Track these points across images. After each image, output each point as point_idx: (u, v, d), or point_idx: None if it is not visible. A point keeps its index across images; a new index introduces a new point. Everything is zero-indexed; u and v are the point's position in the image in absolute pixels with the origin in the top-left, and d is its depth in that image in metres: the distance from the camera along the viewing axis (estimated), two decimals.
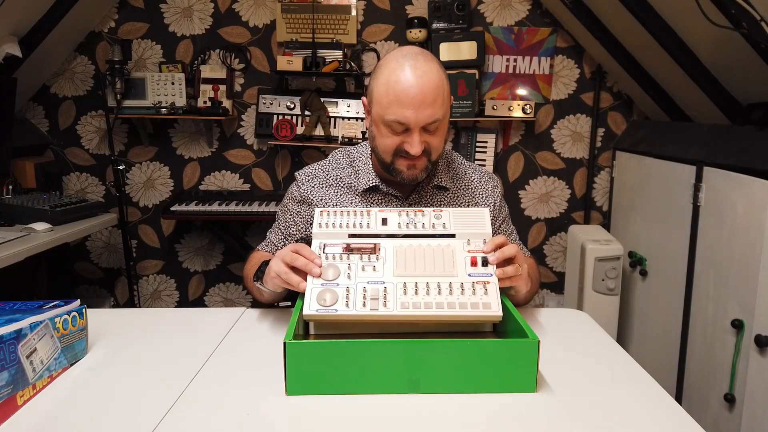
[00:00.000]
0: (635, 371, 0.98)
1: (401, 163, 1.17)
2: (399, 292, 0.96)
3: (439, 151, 1.19)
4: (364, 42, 2.91)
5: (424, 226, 1.08)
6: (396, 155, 1.16)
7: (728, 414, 1.82)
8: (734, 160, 1.90)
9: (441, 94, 1.12)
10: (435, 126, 1.13)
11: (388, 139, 1.15)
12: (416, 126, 1.11)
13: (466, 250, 1.03)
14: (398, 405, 0.85)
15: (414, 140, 1.12)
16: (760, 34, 1.55)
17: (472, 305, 0.94)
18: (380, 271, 1.00)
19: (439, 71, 1.14)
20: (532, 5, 2.86)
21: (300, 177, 1.33)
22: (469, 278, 0.98)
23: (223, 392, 0.89)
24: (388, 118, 1.12)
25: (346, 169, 1.31)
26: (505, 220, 1.36)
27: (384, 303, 0.94)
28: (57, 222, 2.26)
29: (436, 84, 1.11)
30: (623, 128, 2.95)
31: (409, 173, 1.18)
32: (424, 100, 1.10)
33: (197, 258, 3.13)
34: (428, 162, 1.18)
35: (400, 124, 1.12)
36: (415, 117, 1.10)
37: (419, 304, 0.94)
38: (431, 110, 1.11)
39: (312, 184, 1.30)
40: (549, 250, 3.09)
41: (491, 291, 0.96)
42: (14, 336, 0.83)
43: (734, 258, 1.81)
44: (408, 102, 1.09)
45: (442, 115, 1.13)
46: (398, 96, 1.10)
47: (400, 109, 1.10)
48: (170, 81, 2.82)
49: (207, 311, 1.25)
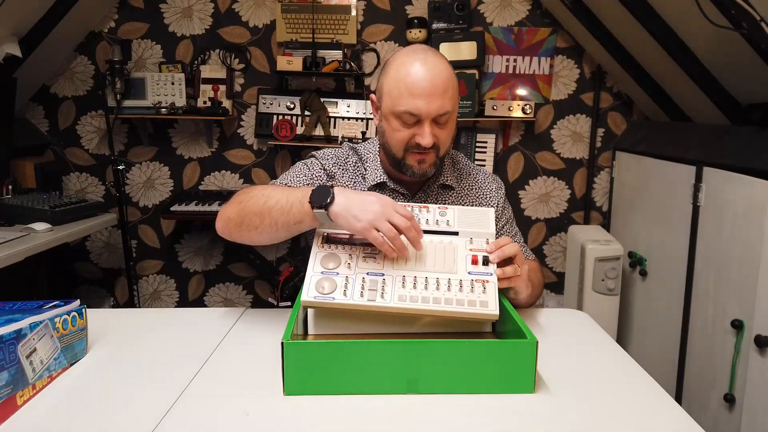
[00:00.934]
0: (635, 371, 0.98)
1: (412, 158, 1.18)
2: (398, 284, 0.96)
3: (446, 146, 1.20)
4: (364, 42, 2.91)
5: (428, 222, 1.09)
6: (407, 150, 1.17)
7: (728, 414, 1.82)
8: (734, 161, 1.90)
9: (451, 87, 1.14)
10: (445, 118, 1.15)
11: (399, 133, 1.16)
12: (427, 117, 1.13)
13: (468, 249, 1.03)
14: (396, 405, 0.85)
15: (425, 131, 1.13)
16: (760, 34, 1.55)
17: (470, 303, 0.94)
18: (380, 263, 1.00)
19: (448, 66, 1.16)
20: (532, 5, 2.86)
21: (319, 155, 1.32)
22: (468, 276, 0.98)
23: (223, 392, 0.89)
24: (399, 110, 1.13)
25: (357, 164, 1.31)
26: (509, 222, 1.36)
27: (382, 294, 0.95)
28: (57, 222, 2.26)
29: (446, 76, 1.13)
30: (623, 128, 2.95)
31: (420, 168, 1.19)
32: (435, 91, 1.11)
33: (197, 258, 3.13)
34: (437, 157, 1.19)
35: (411, 115, 1.13)
36: (427, 107, 1.12)
37: (417, 297, 0.94)
38: (441, 101, 1.12)
39: (333, 162, 1.30)
40: (549, 251, 3.09)
41: (490, 290, 0.97)
42: (14, 336, 0.83)
43: (734, 258, 1.81)
44: (419, 93, 1.11)
45: (451, 108, 1.15)
46: (409, 87, 1.12)
47: (411, 100, 1.12)
48: (170, 81, 2.82)
49: (207, 311, 1.25)
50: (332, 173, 1.28)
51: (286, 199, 1.04)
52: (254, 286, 3.15)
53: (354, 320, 1.00)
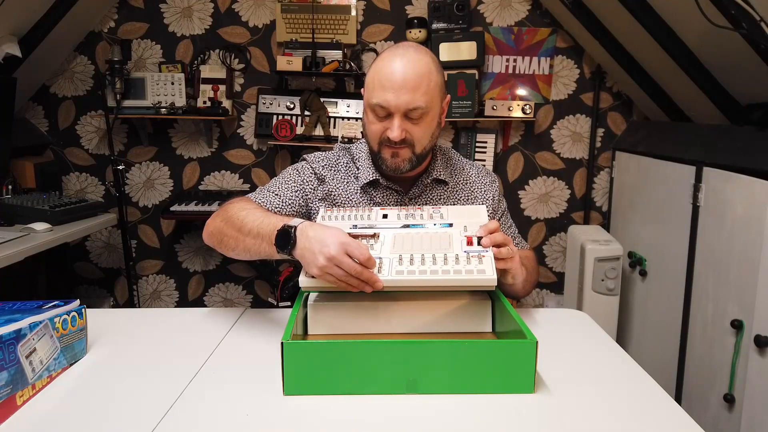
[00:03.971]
0: (635, 371, 0.98)
1: (386, 152, 1.19)
2: (395, 262, 0.97)
3: (423, 143, 1.19)
4: (364, 42, 2.91)
5: (422, 217, 1.11)
6: (381, 143, 1.19)
7: (728, 414, 1.82)
8: (734, 161, 1.90)
9: (425, 83, 1.13)
10: (417, 114, 1.15)
11: (373, 126, 1.18)
12: (396, 111, 1.14)
13: (462, 235, 1.04)
14: (396, 405, 0.85)
15: (394, 125, 1.14)
16: (759, 34, 1.55)
17: (467, 272, 0.94)
18: (378, 251, 1.01)
19: (429, 63, 1.16)
20: (532, 5, 2.86)
21: (310, 158, 1.33)
22: (464, 253, 0.98)
23: (222, 392, 0.89)
24: (372, 102, 1.15)
25: (349, 164, 1.32)
26: (504, 214, 1.38)
27: (379, 269, 0.95)
28: (56, 222, 2.26)
29: (420, 72, 1.13)
30: (623, 128, 2.95)
31: (392, 162, 1.19)
32: (405, 85, 1.12)
33: (197, 258, 3.13)
34: (412, 153, 1.19)
35: (381, 108, 1.15)
36: (396, 101, 1.12)
37: (414, 271, 0.94)
38: (411, 96, 1.12)
39: (323, 165, 1.31)
40: (548, 251, 3.09)
41: (486, 261, 0.96)
42: (14, 336, 0.83)
43: (734, 258, 1.81)
44: (389, 86, 1.13)
45: (424, 104, 1.14)
46: (381, 80, 1.14)
47: (382, 93, 1.13)
48: (170, 81, 2.82)
49: (206, 311, 1.25)
50: (322, 176, 1.29)
51: (257, 230, 1.06)
52: (254, 286, 3.15)
53: (354, 319, 1.00)
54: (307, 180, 1.28)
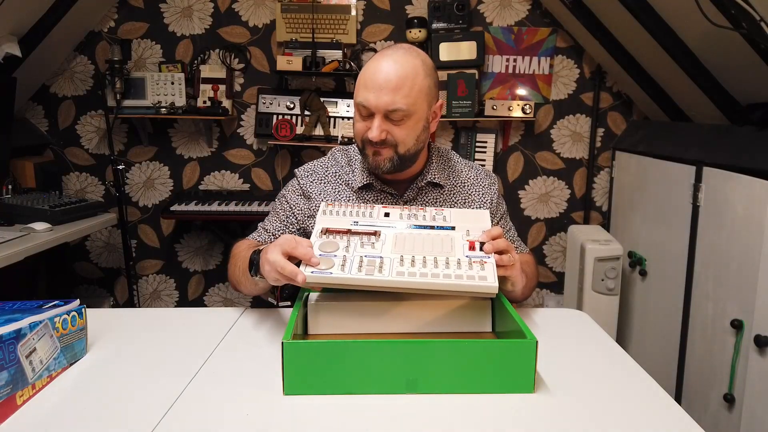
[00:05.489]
0: (635, 371, 0.98)
1: (369, 150, 1.20)
2: (396, 263, 0.96)
3: (407, 145, 1.19)
4: (364, 42, 2.91)
5: (425, 219, 1.10)
6: (364, 142, 1.20)
7: (728, 414, 1.82)
8: (734, 160, 1.90)
9: (407, 86, 1.13)
10: (398, 116, 1.15)
11: (358, 124, 1.20)
12: (377, 110, 1.14)
13: (465, 239, 1.04)
14: (396, 405, 0.85)
15: (374, 124, 1.15)
16: (759, 34, 1.55)
17: (468, 277, 0.93)
18: (378, 249, 1.00)
19: (416, 65, 1.15)
20: (532, 5, 2.86)
21: (299, 173, 1.34)
22: (466, 258, 0.98)
23: (223, 392, 0.89)
24: (356, 101, 1.17)
25: (345, 167, 1.32)
26: (503, 217, 1.37)
27: (380, 269, 0.94)
28: (56, 222, 2.26)
29: (403, 74, 1.13)
30: (623, 128, 2.95)
31: (374, 160, 1.20)
32: (386, 86, 1.12)
33: (197, 258, 3.13)
34: (394, 153, 1.19)
35: (363, 107, 1.16)
36: (375, 101, 1.13)
37: (415, 273, 0.94)
38: (392, 97, 1.12)
39: (311, 179, 1.32)
40: (548, 250, 3.09)
41: (488, 267, 0.96)
42: (14, 336, 0.83)
43: (734, 258, 1.81)
44: (372, 86, 1.14)
45: (405, 106, 1.13)
46: (366, 80, 1.15)
47: (364, 92, 1.15)
48: (170, 81, 2.82)
49: (206, 311, 1.25)
50: (309, 193, 1.30)
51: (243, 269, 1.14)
52: None
53: (354, 319, 1.00)
54: (294, 204, 1.31)
